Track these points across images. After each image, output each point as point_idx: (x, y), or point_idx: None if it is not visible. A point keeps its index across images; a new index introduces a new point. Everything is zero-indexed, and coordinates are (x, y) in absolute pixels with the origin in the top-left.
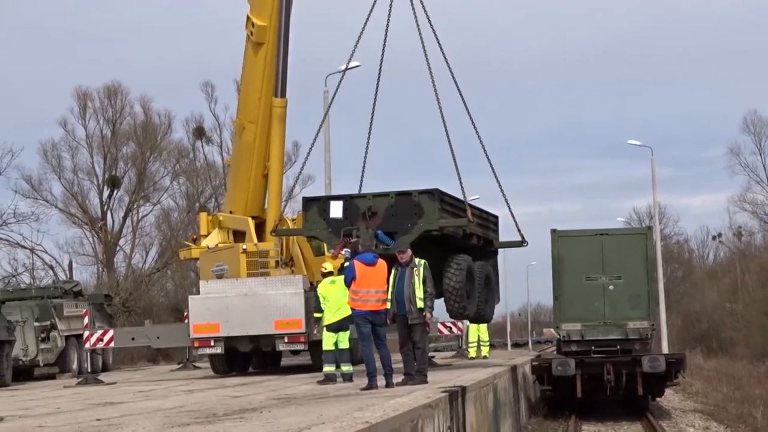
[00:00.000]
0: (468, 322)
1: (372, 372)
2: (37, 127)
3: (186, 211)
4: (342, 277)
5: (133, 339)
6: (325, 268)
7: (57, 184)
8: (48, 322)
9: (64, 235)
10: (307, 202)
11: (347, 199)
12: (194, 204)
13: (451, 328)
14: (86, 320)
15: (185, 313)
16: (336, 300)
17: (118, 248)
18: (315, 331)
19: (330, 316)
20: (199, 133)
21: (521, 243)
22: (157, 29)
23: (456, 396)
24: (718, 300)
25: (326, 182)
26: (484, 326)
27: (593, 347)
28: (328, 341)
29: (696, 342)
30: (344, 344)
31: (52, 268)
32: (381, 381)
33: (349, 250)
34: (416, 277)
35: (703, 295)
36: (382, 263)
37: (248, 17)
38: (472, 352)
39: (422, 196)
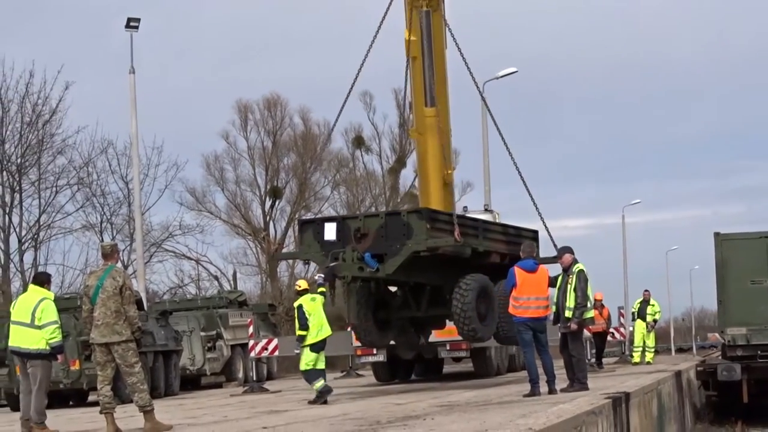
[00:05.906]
0: (631, 327)
1: (534, 378)
2: (199, 139)
3: None
4: (320, 296)
5: (296, 348)
6: (300, 286)
7: (220, 195)
8: (214, 332)
9: (228, 246)
10: (303, 224)
11: (340, 221)
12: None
13: (613, 333)
14: (251, 329)
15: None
16: (319, 318)
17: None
18: (296, 350)
19: (314, 335)
20: (359, 142)
21: (556, 259)
22: (314, 41)
23: (620, 402)
24: None
25: (485, 189)
26: (652, 332)
27: (759, 351)
28: (308, 361)
29: None
30: (322, 364)
31: (216, 278)
32: (544, 387)
33: (322, 275)
34: (569, 285)
35: None
36: (542, 269)
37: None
38: (636, 357)
39: (411, 216)
